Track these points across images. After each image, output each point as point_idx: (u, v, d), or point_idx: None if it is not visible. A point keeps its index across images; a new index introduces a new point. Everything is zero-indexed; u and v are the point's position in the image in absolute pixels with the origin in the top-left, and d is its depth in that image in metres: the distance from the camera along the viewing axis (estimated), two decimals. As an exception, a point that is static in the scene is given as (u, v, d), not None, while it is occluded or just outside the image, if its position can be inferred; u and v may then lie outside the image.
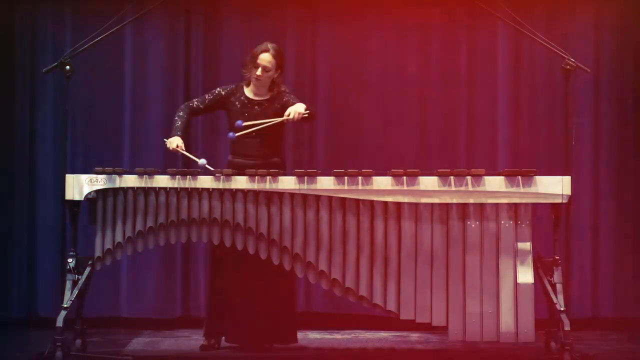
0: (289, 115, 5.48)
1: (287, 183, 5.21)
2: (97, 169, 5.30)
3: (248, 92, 5.68)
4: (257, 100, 5.66)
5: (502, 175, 5.17)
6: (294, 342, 5.73)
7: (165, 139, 5.57)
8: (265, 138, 5.62)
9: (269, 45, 5.60)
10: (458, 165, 6.19)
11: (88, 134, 6.61)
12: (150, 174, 5.26)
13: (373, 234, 5.18)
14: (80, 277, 5.27)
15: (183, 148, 5.52)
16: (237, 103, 5.65)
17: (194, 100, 5.73)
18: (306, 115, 5.49)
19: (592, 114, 6.60)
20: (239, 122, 5.53)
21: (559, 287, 5.17)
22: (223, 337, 5.69)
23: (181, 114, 5.62)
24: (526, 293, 5.11)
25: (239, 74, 5.76)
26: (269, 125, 5.53)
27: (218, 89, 5.71)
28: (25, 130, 6.63)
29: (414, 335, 6.24)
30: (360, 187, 5.18)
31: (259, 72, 5.58)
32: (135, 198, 5.27)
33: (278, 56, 5.61)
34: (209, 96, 5.70)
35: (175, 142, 5.52)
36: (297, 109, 5.48)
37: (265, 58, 5.58)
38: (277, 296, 5.62)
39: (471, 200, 5.15)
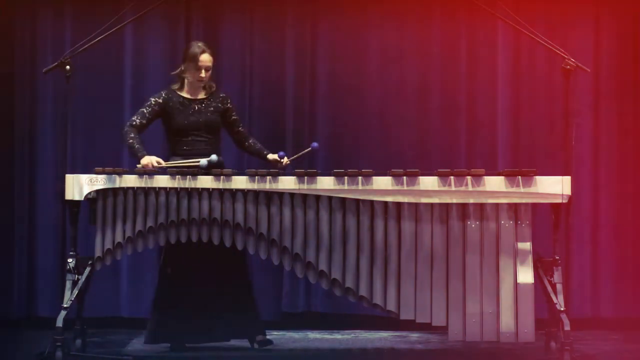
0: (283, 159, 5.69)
1: (287, 183, 5.21)
2: (97, 169, 5.30)
3: (184, 93, 5.70)
4: (197, 100, 5.69)
5: (502, 175, 5.17)
6: (260, 335, 5.69)
7: (137, 165, 5.43)
8: (212, 138, 5.67)
9: (202, 45, 5.65)
10: (458, 165, 6.18)
11: (88, 134, 6.61)
12: (150, 174, 5.26)
13: (373, 234, 5.18)
14: (80, 277, 5.27)
15: (163, 162, 5.46)
16: (177, 105, 5.65)
17: (133, 118, 5.63)
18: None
19: (592, 114, 6.60)
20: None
21: (559, 287, 5.18)
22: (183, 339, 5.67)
23: (132, 135, 5.54)
24: (526, 293, 5.11)
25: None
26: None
27: (152, 99, 5.67)
28: (25, 130, 6.63)
29: (414, 335, 6.24)
30: (360, 187, 5.18)
31: (202, 74, 5.62)
32: (135, 198, 5.27)
33: (214, 53, 5.69)
34: (147, 109, 5.64)
35: (153, 160, 5.42)
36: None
37: (206, 58, 5.63)
38: (234, 291, 5.61)
39: (471, 200, 5.15)
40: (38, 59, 6.61)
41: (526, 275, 5.13)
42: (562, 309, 5.11)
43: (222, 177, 5.23)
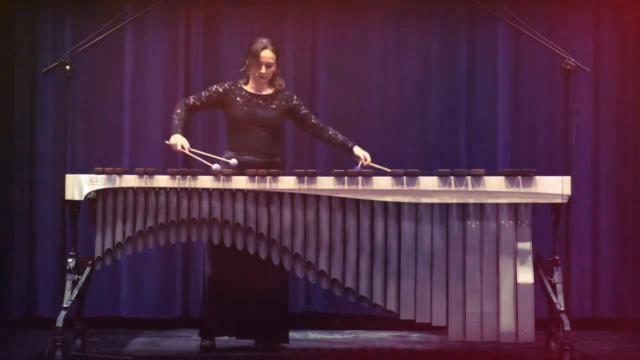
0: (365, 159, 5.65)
1: (287, 183, 5.21)
2: (97, 169, 5.29)
3: (249, 88, 5.71)
4: (261, 95, 5.69)
5: (502, 175, 5.17)
6: (285, 342, 5.72)
7: (166, 141, 5.54)
8: (270, 136, 5.66)
9: (265, 41, 5.64)
10: (458, 165, 6.19)
11: (88, 134, 6.61)
12: (150, 174, 5.26)
13: (373, 234, 5.18)
14: (80, 277, 5.27)
15: (188, 147, 5.50)
16: (238, 99, 5.66)
17: (191, 97, 5.73)
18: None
19: (592, 114, 6.60)
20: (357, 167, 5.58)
21: (559, 287, 5.17)
22: (216, 337, 5.69)
23: (179, 111, 5.61)
24: (526, 293, 5.10)
25: (238, 73, 5.76)
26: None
27: (215, 86, 5.72)
28: (25, 130, 6.63)
29: (414, 335, 6.24)
30: (360, 187, 5.18)
31: (263, 69, 5.62)
32: (135, 198, 5.27)
33: (276, 50, 5.67)
34: (205, 93, 5.71)
35: (179, 142, 5.48)
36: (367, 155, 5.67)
37: (267, 55, 5.62)
38: (269, 295, 5.63)
39: (471, 200, 5.15)
40: (38, 59, 6.61)
41: (526, 275, 5.12)
42: (562, 309, 5.11)
43: (222, 177, 5.23)
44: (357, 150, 5.70)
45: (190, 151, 5.49)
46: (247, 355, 5.57)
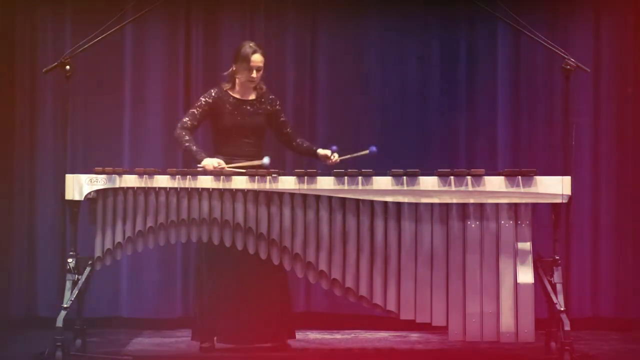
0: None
1: (287, 183, 5.21)
2: (97, 169, 5.30)
3: (235, 93, 5.68)
4: (247, 101, 5.68)
5: (502, 175, 5.17)
6: (291, 338, 5.71)
7: (198, 166, 5.42)
8: (257, 138, 5.66)
9: (254, 45, 5.62)
10: (458, 165, 6.19)
11: (88, 134, 6.61)
12: (150, 174, 5.26)
13: (373, 234, 5.18)
14: (80, 277, 5.27)
15: (225, 164, 5.45)
16: (227, 105, 5.64)
17: (185, 120, 5.61)
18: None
19: (592, 114, 6.60)
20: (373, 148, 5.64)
21: (559, 287, 5.17)
22: (215, 338, 5.65)
23: (187, 137, 5.53)
24: (526, 293, 5.11)
25: (221, 77, 5.75)
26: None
27: (203, 99, 5.65)
28: (25, 130, 6.63)
29: (414, 335, 6.24)
30: (360, 187, 5.18)
31: (254, 74, 5.60)
32: (135, 198, 5.27)
33: (264, 53, 5.65)
34: (197, 110, 5.62)
35: (215, 161, 5.41)
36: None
37: (258, 59, 5.60)
38: (270, 292, 5.61)
39: (471, 200, 5.15)
40: (38, 59, 6.61)
41: (526, 275, 5.13)
42: (562, 309, 5.11)
43: (222, 177, 5.23)
44: (321, 151, 5.71)
45: (229, 167, 5.42)
46: (247, 356, 5.57)
